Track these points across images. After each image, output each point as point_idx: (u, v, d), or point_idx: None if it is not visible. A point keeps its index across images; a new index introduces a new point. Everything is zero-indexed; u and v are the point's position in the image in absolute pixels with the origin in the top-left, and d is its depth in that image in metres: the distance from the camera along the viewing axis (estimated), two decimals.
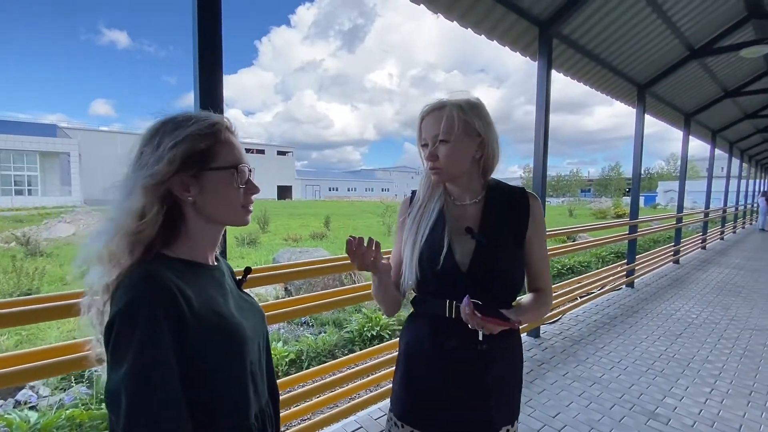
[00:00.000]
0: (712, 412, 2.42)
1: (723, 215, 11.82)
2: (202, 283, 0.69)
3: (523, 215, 1.00)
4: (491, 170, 1.02)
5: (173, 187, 0.66)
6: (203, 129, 0.68)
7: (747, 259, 7.99)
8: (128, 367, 0.55)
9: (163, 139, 0.66)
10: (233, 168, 0.70)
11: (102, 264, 0.65)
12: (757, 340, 3.62)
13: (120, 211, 0.64)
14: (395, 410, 1.04)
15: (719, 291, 5.43)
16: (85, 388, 2.74)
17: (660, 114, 6.84)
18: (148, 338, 0.56)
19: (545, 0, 3.16)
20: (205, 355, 0.63)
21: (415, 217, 1.03)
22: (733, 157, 12.12)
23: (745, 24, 4.66)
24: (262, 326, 0.81)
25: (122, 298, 0.59)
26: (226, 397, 0.67)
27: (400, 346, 1.08)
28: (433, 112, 0.96)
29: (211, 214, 0.71)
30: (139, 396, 0.55)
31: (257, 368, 0.75)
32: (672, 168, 72.23)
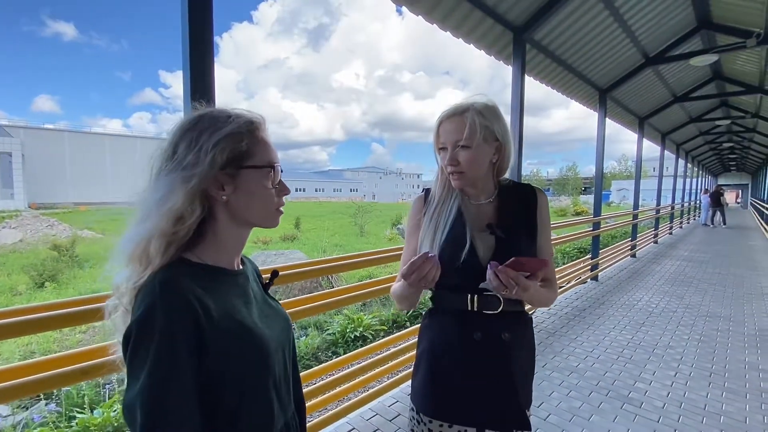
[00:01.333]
0: (678, 394, 2.61)
1: (671, 212, 12.73)
2: (224, 291, 0.66)
3: (533, 210, 1.06)
4: (504, 171, 1.07)
5: (209, 185, 0.64)
6: (242, 127, 0.65)
7: (694, 252, 8.66)
8: (144, 382, 0.54)
9: (201, 136, 0.63)
10: (270, 167, 0.68)
11: (133, 265, 0.62)
12: (711, 326, 3.94)
13: (158, 211, 0.61)
14: (423, 407, 1.04)
15: (673, 282, 5.85)
16: (54, 405, 2.54)
17: (617, 117, 7.28)
18: (164, 352, 0.55)
19: (520, 6, 3.28)
20: (226, 367, 0.61)
21: (432, 215, 1.05)
22: (679, 158, 13.09)
23: (694, 34, 5.06)
24: (287, 333, 0.78)
25: (141, 305, 0.57)
26: (248, 411, 0.65)
27: (422, 342, 1.09)
28: (454, 116, 0.98)
29: (243, 215, 0.68)
30: (155, 413, 0.53)
31: (282, 379, 0.73)
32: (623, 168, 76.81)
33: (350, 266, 2.28)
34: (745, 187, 33.98)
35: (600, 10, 3.85)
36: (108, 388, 2.93)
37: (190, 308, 0.58)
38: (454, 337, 1.01)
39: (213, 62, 1.56)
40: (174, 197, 0.61)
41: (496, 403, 1.00)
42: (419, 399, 1.06)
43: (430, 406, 1.03)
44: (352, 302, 2.39)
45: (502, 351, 1.00)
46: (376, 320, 4.16)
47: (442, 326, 1.05)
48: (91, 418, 2.42)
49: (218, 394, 0.61)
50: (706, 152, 16.82)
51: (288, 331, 0.79)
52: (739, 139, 13.34)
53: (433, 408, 1.03)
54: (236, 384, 0.63)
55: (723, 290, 5.33)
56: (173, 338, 0.55)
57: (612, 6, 3.86)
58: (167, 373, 0.55)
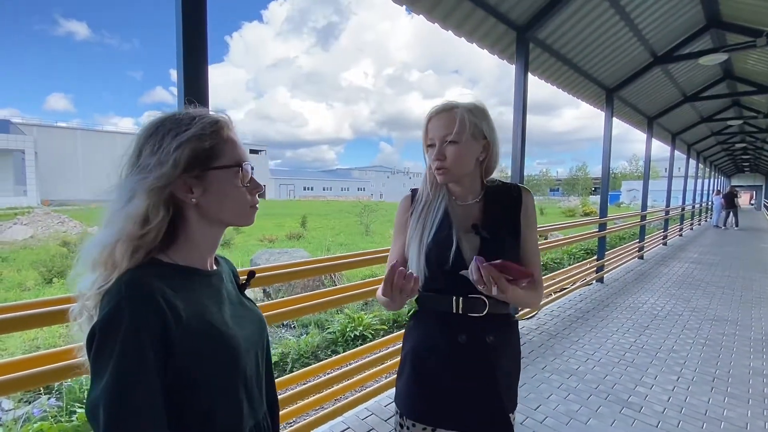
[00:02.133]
0: (680, 399, 2.57)
1: (681, 213, 12.53)
2: (195, 292, 0.66)
3: (518, 209, 1.06)
4: (492, 172, 1.07)
5: (176, 189, 0.64)
6: (206, 128, 0.65)
7: (704, 254, 8.52)
8: (107, 382, 0.53)
9: (164, 139, 0.63)
10: (237, 166, 0.68)
11: (98, 270, 0.62)
12: (717, 329, 3.87)
13: (121, 216, 0.61)
14: (407, 411, 1.03)
15: (680, 284, 5.76)
16: (54, 400, 2.59)
17: (625, 117, 7.18)
18: (129, 352, 0.54)
19: (523, 5, 3.25)
20: (195, 368, 0.61)
21: (420, 216, 1.04)
22: (690, 158, 12.87)
23: (704, 33, 4.96)
24: (261, 334, 0.78)
25: (105, 306, 0.57)
26: (217, 412, 0.64)
27: (407, 344, 1.09)
28: (443, 113, 0.98)
29: (216, 215, 0.68)
30: (118, 413, 0.53)
31: (254, 380, 0.73)
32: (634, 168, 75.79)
33: (329, 269, 2.23)
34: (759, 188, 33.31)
35: (605, 8, 3.80)
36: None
37: (156, 308, 0.57)
38: (439, 339, 1.01)
39: (207, 66, 1.57)
40: (137, 200, 0.61)
41: (479, 406, 0.99)
42: (402, 402, 1.05)
43: (414, 409, 1.03)
44: (350, 301, 2.39)
45: (486, 354, 0.99)
46: (376, 320, 4.16)
47: (426, 328, 1.04)
48: None
49: (187, 395, 0.61)
50: (719, 153, 16.51)
51: (262, 331, 0.79)
52: (753, 139, 13.07)
53: (416, 411, 1.02)
54: (205, 384, 0.63)
55: (731, 293, 5.23)
56: (138, 338, 0.55)
57: (618, 5, 3.80)
58: (132, 373, 0.54)
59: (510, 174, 3.74)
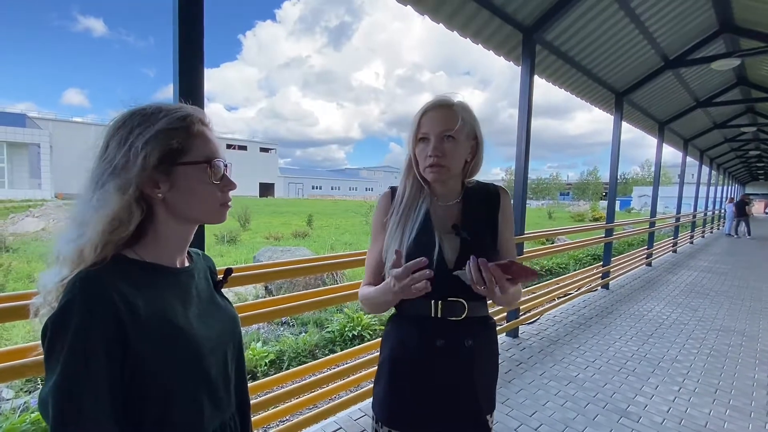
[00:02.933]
0: (680, 410, 2.51)
1: (693, 220, 12.30)
2: (159, 289, 0.65)
3: (495, 209, 1.05)
4: (475, 174, 1.05)
5: (142, 184, 0.62)
6: (174, 122, 0.63)
7: (714, 263, 8.35)
8: (55, 381, 0.53)
9: (131, 134, 0.61)
10: (206, 163, 0.66)
11: (66, 266, 0.61)
12: (723, 340, 3.79)
13: (91, 212, 0.60)
14: (383, 416, 1.01)
15: (688, 293, 5.65)
16: None
17: (636, 121, 7.07)
18: (77, 350, 0.54)
19: (529, 6, 3.21)
20: (153, 367, 0.60)
21: (400, 217, 1.01)
22: (703, 165, 12.63)
23: (716, 38, 4.86)
24: (231, 334, 0.76)
25: (60, 302, 0.57)
26: (175, 411, 0.63)
27: (384, 349, 1.06)
28: (442, 108, 0.96)
29: (184, 212, 0.67)
30: (65, 411, 0.53)
31: (219, 381, 0.71)
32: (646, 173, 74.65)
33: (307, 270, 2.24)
34: None
35: (615, 11, 3.74)
36: None
37: (109, 305, 0.56)
38: (416, 343, 0.99)
39: (203, 64, 1.57)
40: (111, 203, 0.60)
41: (456, 410, 0.98)
42: (379, 408, 1.03)
43: (390, 415, 1.01)
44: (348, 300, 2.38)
45: (464, 358, 0.97)
46: (375, 320, 4.15)
47: (403, 333, 1.02)
48: None
49: (144, 393, 0.60)
50: (732, 159, 16.17)
51: (233, 330, 0.77)
52: (767, 147, 12.79)
53: (392, 417, 1.00)
54: (163, 383, 0.61)
55: (740, 303, 5.12)
56: (88, 335, 0.54)
57: (628, 7, 3.74)
58: (80, 371, 0.54)
59: (514, 175, 3.71)
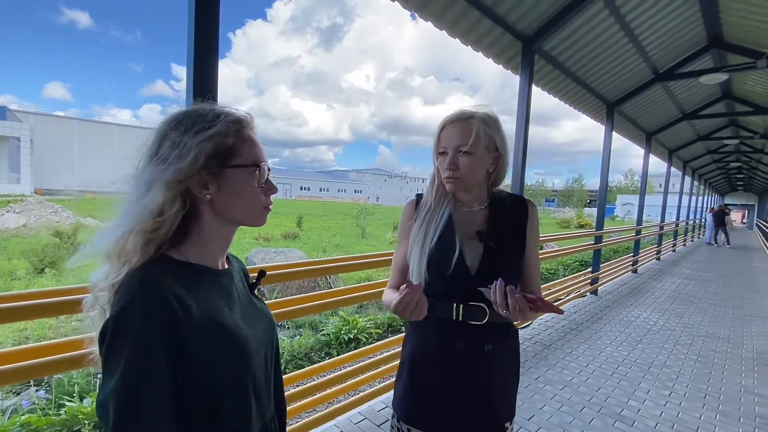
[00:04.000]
0: (672, 414, 2.58)
1: (675, 229, 12.63)
2: (207, 291, 0.65)
3: (524, 221, 1.06)
4: (500, 183, 1.07)
5: (191, 184, 0.63)
6: (228, 126, 0.65)
7: (697, 270, 8.59)
8: (117, 382, 0.53)
9: (186, 133, 0.63)
10: (255, 166, 0.67)
11: (111, 262, 0.61)
12: (709, 346, 3.90)
13: (136, 207, 0.60)
14: (403, 415, 1.04)
15: (673, 300, 5.80)
16: (43, 392, 2.55)
17: (625, 131, 7.25)
18: (139, 352, 0.54)
19: (530, 16, 3.28)
20: (205, 368, 0.60)
21: (423, 221, 1.04)
22: (685, 175, 13.01)
23: (705, 52, 5.03)
24: (270, 335, 0.77)
25: (118, 303, 0.57)
26: (226, 413, 0.64)
27: (405, 350, 1.08)
28: (458, 122, 0.98)
29: (229, 214, 0.68)
30: (127, 413, 0.53)
31: (262, 382, 0.72)
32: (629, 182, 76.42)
33: (333, 270, 2.27)
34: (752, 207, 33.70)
35: (611, 24, 3.84)
36: (100, 377, 2.93)
37: (168, 308, 0.57)
38: (436, 345, 1.01)
39: (217, 59, 1.57)
40: (153, 193, 0.60)
41: (474, 414, 0.99)
42: (399, 405, 1.06)
43: (410, 413, 1.03)
44: (347, 304, 2.38)
45: (483, 362, 0.99)
46: (371, 323, 4.15)
47: (425, 334, 1.04)
48: (80, 406, 2.42)
49: (196, 395, 0.60)
50: (714, 171, 16.70)
51: (272, 332, 0.78)
52: (747, 159, 13.25)
53: (411, 415, 1.02)
54: (214, 385, 0.62)
55: (723, 311, 5.28)
56: (149, 338, 0.55)
57: (623, 20, 3.85)
58: (141, 373, 0.54)
59: (510, 183, 3.76)
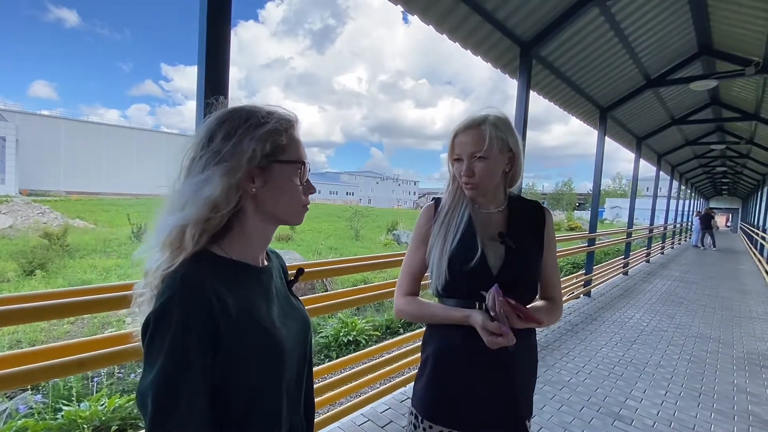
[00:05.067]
0: (668, 413, 2.63)
1: (664, 232, 12.87)
2: (246, 288, 0.66)
3: (542, 226, 1.08)
4: (516, 182, 1.08)
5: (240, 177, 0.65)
6: (282, 123, 0.67)
7: (685, 272, 8.76)
8: (156, 375, 0.55)
9: (239, 127, 0.64)
10: (300, 163, 0.70)
11: (165, 251, 0.63)
12: (701, 346, 3.98)
13: (196, 199, 0.62)
14: (425, 412, 1.05)
15: (664, 301, 5.91)
16: (40, 397, 2.50)
17: (616, 136, 7.38)
18: (178, 346, 0.56)
19: (529, 21, 3.33)
20: (240, 365, 0.61)
21: (443, 222, 1.05)
22: (673, 180, 13.28)
23: (695, 60, 5.16)
24: (305, 334, 0.77)
25: (160, 298, 0.58)
26: (258, 411, 0.64)
27: (427, 348, 1.09)
28: (470, 129, 1.00)
29: (271, 209, 0.69)
30: (165, 405, 0.55)
31: (294, 383, 0.72)
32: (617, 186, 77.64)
33: (367, 267, 2.40)
34: (736, 211, 34.48)
35: (605, 30, 3.92)
36: (96, 381, 2.88)
37: (208, 305, 0.58)
38: (460, 344, 1.02)
39: (228, 58, 1.57)
40: (213, 186, 0.62)
41: (497, 411, 1.01)
42: (420, 403, 1.06)
43: (432, 410, 1.04)
44: (347, 307, 2.39)
45: (506, 360, 1.00)
46: (369, 325, 4.15)
47: (448, 333, 1.05)
48: (78, 410, 2.38)
49: (230, 392, 0.61)
50: (700, 175, 17.08)
51: (306, 332, 0.78)
52: (733, 164, 13.58)
53: (434, 413, 1.03)
54: (248, 383, 0.63)
55: (713, 312, 5.39)
56: (188, 333, 0.56)
57: (617, 27, 3.93)
58: (180, 368, 0.55)
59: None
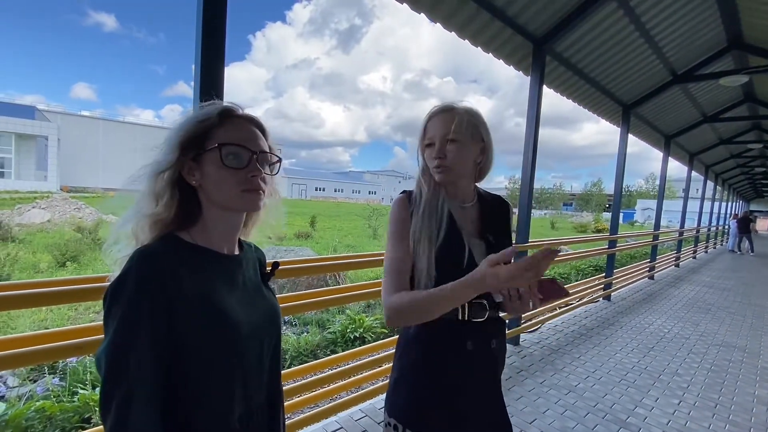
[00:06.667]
0: (679, 423, 2.52)
1: (696, 235, 12.26)
2: (206, 271, 0.69)
3: (508, 218, 1.10)
4: (484, 176, 1.07)
5: (183, 172, 0.69)
6: (201, 115, 0.70)
7: (717, 278, 8.32)
8: (108, 341, 0.60)
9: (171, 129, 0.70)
10: (218, 147, 0.68)
11: (127, 241, 0.70)
12: (723, 356, 3.78)
13: (139, 195, 0.70)
14: (409, 419, 0.97)
15: (690, 307, 5.64)
16: (58, 380, 2.65)
17: (642, 134, 7.08)
18: (129, 317, 0.60)
19: (541, 17, 3.25)
20: (191, 342, 0.65)
21: (423, 215, 0.98)
22: (708, 180, 12.62)
23: (725, 54, 4.89)
24: (270, 325, 0.79)
25: (118, 272, 0.63)
26: (205, 390, 0.67)
27: (410, 353, 1.02)
28: (443, 113, 0.99)
29: (215, 198, 0.70)
30: (113, 369, 0.59)
31: (254, 368, 0.74)
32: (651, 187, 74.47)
33: (347, 266, 2.32)
34: None
35: (625, 24, 3.78)
36: None
37: (160, 280, 0.62)
38: (449, 347, 0.98)
39: (223, 59, 1.61)
40: (150, 186, 0.68)
41: (487, 411, 1.00)
42: (404, 411, 0.98)
43: (423, 420, 0.97)
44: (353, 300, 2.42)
45: (491, 360, 1.00)
46: (377, 323, 4.16)
47: (433, 338, 0.99)
48: (92, 394, 2.52)
49: (183, 367, 0.65)
50: (738, 176, 16.14)
51: (274, 322, 0.80)
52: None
53: (425, 422, 0.97)
54: (200, 358, 0.66)
55: (742, 320, 5.10)
56: (138, 305, 0.61)
57: (638, 21, 3.78)
58: (129, 334, 0.60)
59: (520, 185, 3.73)
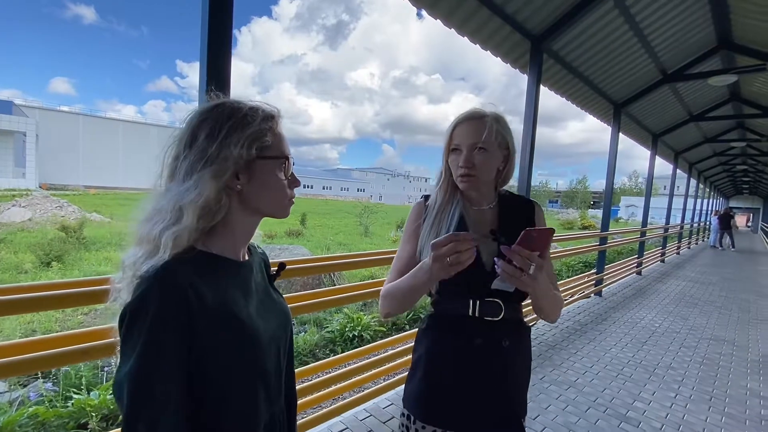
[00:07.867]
0: (677, 416, 2.57)
1: (680, 231, 12.57)
2: (224, 282, 0.66)
3: (532, 220, 1.08)
4: (508, 182, 1.08)
5: (227, 178, 0.65)
6: (266, 122, 0.67)
7: (701, 273, 8.55)
8: (132, 367, 0.55)
9: (222, 127, 0.64)
10: (284, 158, 0.69)
11: (149, 248, 0.62)
12: (714, 349, 3.88)
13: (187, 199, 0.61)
14: (419, 412, 1.03)
15: (678, 302, 5.77)
16: (51, 385, 2.57)
17: (631, 133, 7.21)
18: (153, 339, 0.56)
19: (540, 15, 3.26)
20: (214, 357, 0.62)
21: (434, 219, 1.04)
22: (691, 178, 12.94)
23: (714, 54, 4.99)
24: (285, 328, 0.78)
25: (137, 290, 0.58)
26: (232, 403, 0.65)
27: (420, 347, 1.08)
28: (473, 120, 0.99)
29: (256, 204, 0.69)
30: (139, 396, 0.55)
31: (273, 373, 0.73)
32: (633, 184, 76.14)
33: (354, 265, 2.28)
34: (757, 211, 33.49)
35: (620, 23, 3.82)
36: (106, 370, 2.95)
37: (183, 295, 0.58)
38: (455, 342, 1.01)
39: (230, 55, 1.57)
40: (203, 191, 0.61)
41: (492, 410, 0.99)
42: (413, 404, 1.04)
43: (426, 411, 1.02)
44: (351, 301, 2.39)
45: (501, 358, 0.99)
46: (375, 321, 4.15)
47: (442, 331, 1.03)
48: (87, 399, 2.44)
49: (206, 383, 0.62)
50: (720, 173, 16.61)
51: (286, 325, 0.79)
52: (754, 162, 13.15)
53: (428, 413, 1.02)
54: (224, 374, 0.63)
55: (728, 314, 5.25)
56: (164, 326, 0.57)
57: (632, 20, 3.83)
58: (155, 361, 0.56)
59: (517, 184, 3.75)
